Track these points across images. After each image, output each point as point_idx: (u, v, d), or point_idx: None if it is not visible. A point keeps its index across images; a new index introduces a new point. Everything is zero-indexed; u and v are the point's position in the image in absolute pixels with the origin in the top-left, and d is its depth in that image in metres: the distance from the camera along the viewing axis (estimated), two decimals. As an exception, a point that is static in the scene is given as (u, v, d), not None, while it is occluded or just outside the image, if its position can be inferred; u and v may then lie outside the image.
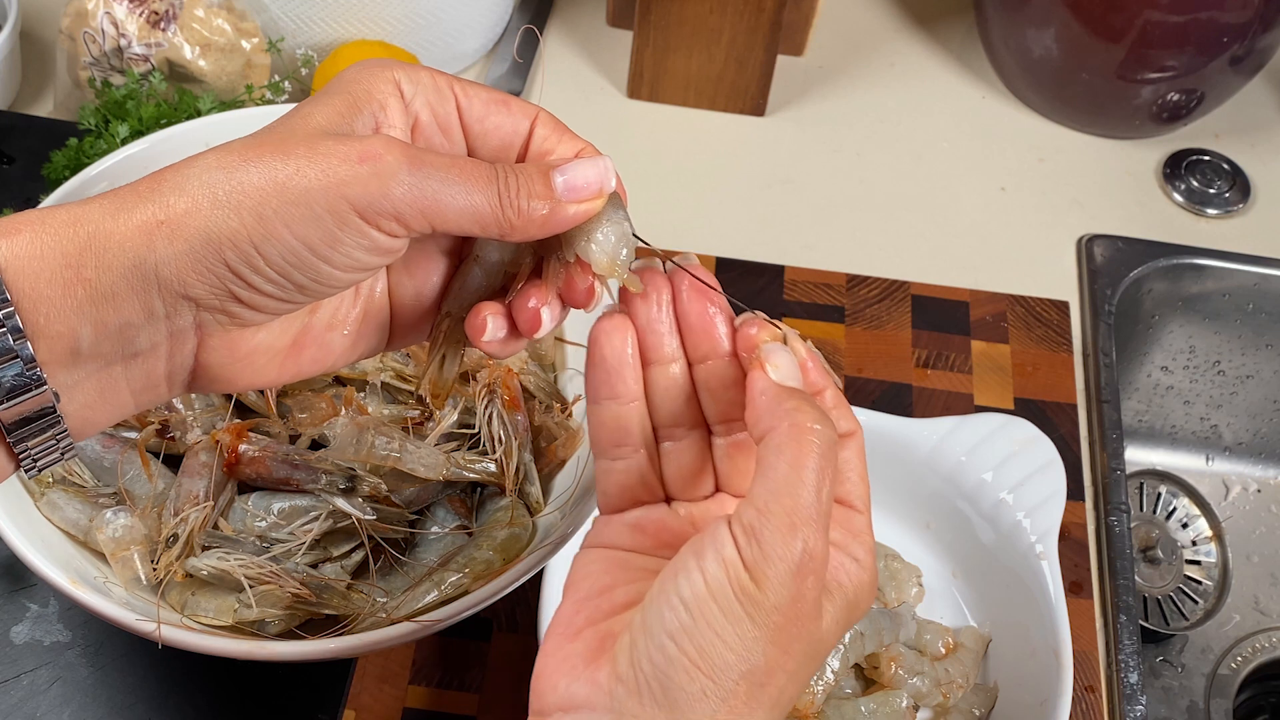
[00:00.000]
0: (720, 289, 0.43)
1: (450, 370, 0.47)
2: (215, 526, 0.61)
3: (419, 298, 0.46)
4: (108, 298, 0.38)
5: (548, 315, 0.44)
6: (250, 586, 0.58)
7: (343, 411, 0.65)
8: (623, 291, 0.43)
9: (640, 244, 0.45)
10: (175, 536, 0.60)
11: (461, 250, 0.46)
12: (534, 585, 0.63)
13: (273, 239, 0.39)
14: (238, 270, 0.39)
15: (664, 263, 0.43)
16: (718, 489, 0.45)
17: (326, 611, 0.60)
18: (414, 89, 0.43)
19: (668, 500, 0.45)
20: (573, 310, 0.45)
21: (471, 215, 0.41)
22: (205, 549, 0.60)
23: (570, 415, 0.66)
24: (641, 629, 0.38)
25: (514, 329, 0.44)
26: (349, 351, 0.45)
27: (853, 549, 0.41)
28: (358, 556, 0.62)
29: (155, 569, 0.59)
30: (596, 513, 0.45)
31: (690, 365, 0.44)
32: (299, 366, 0.44)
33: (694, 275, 0.43)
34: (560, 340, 0.70)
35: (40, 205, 0.66)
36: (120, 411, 0.41)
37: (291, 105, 0.71)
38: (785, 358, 0.41)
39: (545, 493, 0.65)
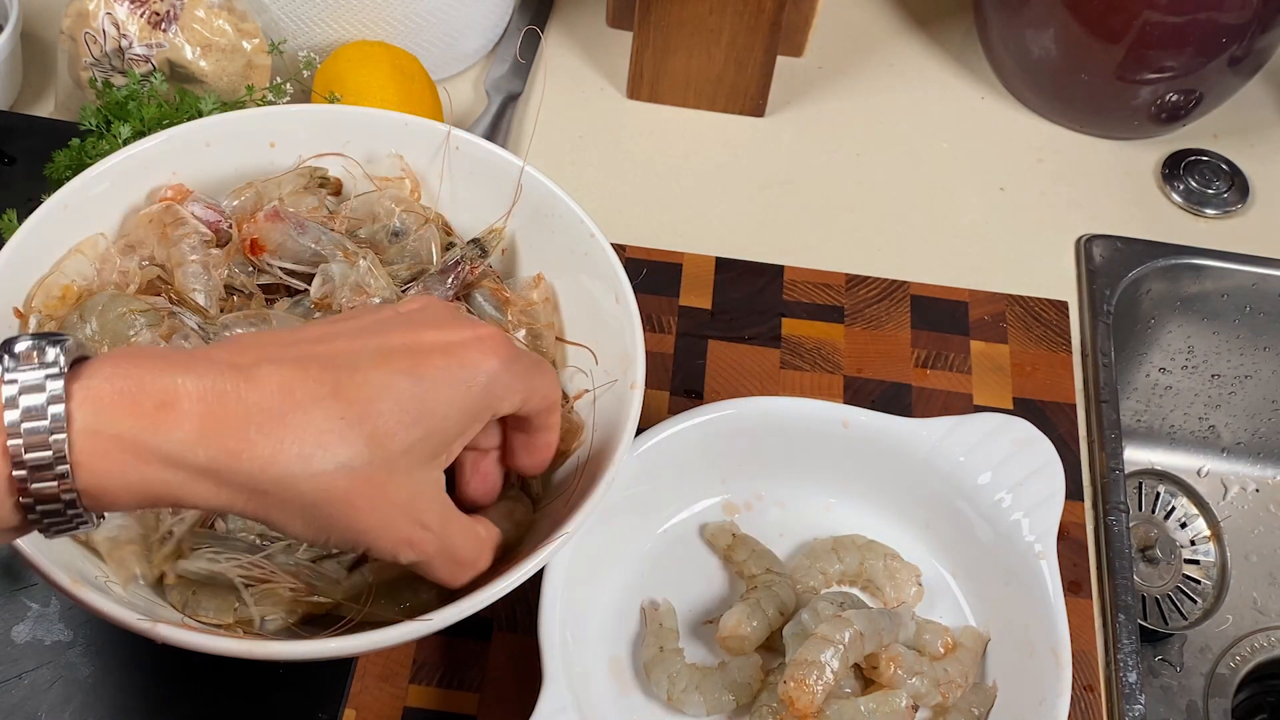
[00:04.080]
0: None
1: None
2: (212, 526, 0.61)
3: None
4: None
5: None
6: (247, 586, 0.58)
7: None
8: None
9: None
10: (170, 534, 0.60)
11: None
12: (534, 584, 0.63)
13: (291, 527, 0.48)
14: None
15: None
16: None
17: (323, 599, 0.59)
18: (495, 415, 0.54)
19: None
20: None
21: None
22: (194, 550, 0.60)
23: (572, 410, 0.67)
24: None
25: None
26: None
27: None
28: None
29: (152, 567, 0.59)
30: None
31: None
32: None
33: None
34: (561, 340, 0.70)
35: (43, 203, 0.66)
36: None
37: (293, 106, 0.71)
38: None
39: (546, 486, 0.65)
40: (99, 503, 0.43)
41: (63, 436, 0.41)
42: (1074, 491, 0.76)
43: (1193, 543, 0.97)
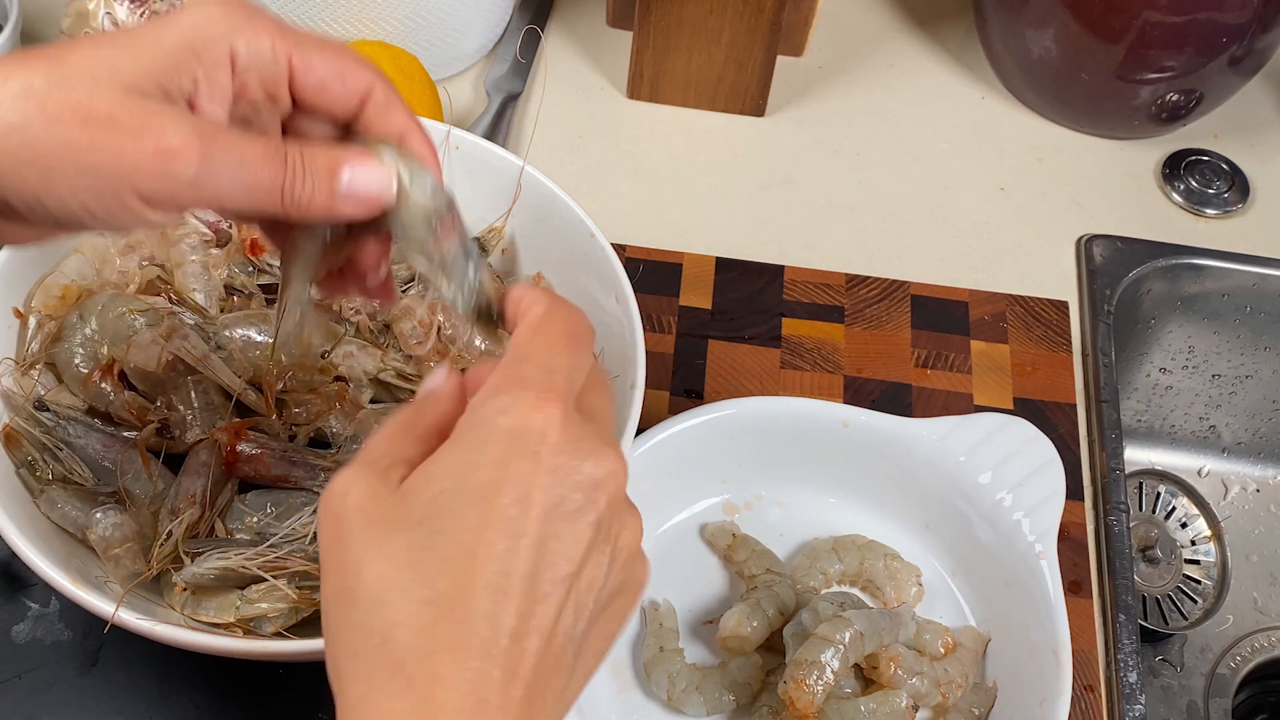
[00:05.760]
0: None
1: (315, 323, 0.51)
2: (212, 528, 0.61)
3: None
4: None
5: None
6: (255, 581, 0.58)
7: (336, 407, 0.65)
8: None
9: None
10: (170, 534, 0.60)
11: None
12: (534, 585, 0.63)
13: (55, 196, 0.40)
14: (12, 205, 0.41)
15: None
16: None
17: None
18: (250, 59, 0.43)
19: None
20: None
21: (252, 206, 0.43)
22: (194, 556, 0.60)
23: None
24: None
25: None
26: None
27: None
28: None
29: (150, 566, 0.59)
30: None
31: None
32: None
33: None
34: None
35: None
36: None
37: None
38: None
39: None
40: None
41: None
42: (1074, 491, 0.76)
43: (1193, 543, 0.97)
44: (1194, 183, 0.95)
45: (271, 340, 0.65)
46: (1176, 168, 0.96)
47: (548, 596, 0.37)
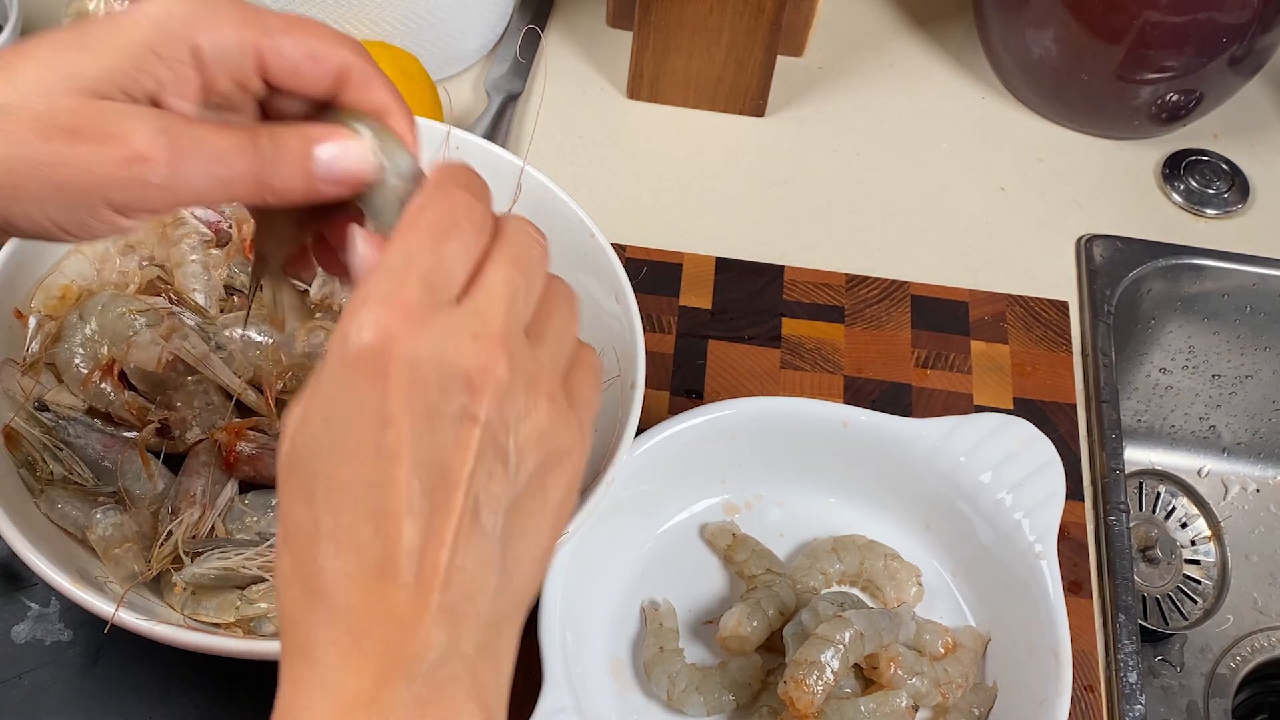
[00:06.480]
0: None
1: (289, 302, 0.50)
2: (212, 528, 0.62)
3: None
4: None
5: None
6: (256, 581, 0.58)
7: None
8: None
9: None
10: (170, 534, 0.60)
11: None
12: (534, 585, 0.63)
13: (24, 216, 0.39)
14: None
15: None
16: None
17: None
18: (215, 54, 0.41)
19: None
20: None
21: (229, 198, 0.41)
22: (194, 556, 0.60)
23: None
24: None
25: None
26: None
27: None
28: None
29: (150, 567, 0.60)
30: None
31: None
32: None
33: None
34: (560, 340, 0.70)
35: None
36: None
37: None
38: None
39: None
40: None
41: None
42: (1074, 491, 0.76)
43: (1193, 543, 0.97)
44: (1194, 183, 0.95)
45: (266, 338, 0.65)
46: (1176, 168, 0.96)
47: (443, 507, 0.36)
